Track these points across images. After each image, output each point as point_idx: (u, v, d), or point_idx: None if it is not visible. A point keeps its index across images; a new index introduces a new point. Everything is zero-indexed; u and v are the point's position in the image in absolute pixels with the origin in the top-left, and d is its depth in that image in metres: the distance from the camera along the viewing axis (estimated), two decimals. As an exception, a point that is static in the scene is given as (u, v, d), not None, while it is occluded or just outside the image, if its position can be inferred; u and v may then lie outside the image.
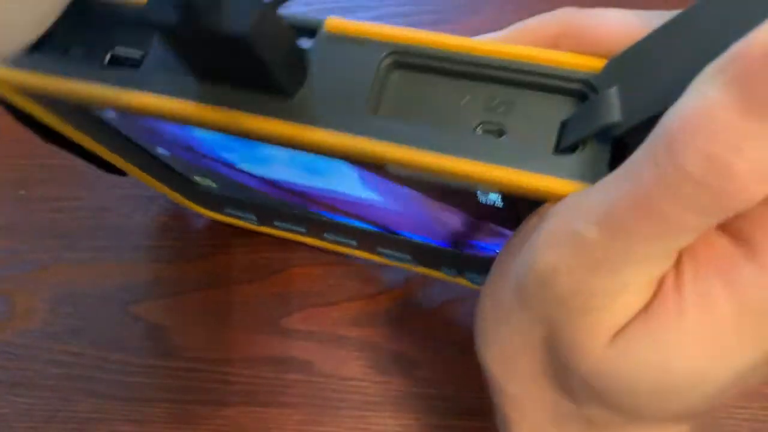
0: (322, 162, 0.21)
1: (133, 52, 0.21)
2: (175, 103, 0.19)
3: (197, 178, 0.31)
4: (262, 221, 0.33)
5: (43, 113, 0.24)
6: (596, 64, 0.17)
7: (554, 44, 0.18)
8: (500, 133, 0.18)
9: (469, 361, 0.31)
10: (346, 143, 0.18)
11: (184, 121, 0.20)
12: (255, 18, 0.16)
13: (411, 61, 0.19)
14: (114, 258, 0.35)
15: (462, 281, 0.31)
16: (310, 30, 0.19)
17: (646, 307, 0.15)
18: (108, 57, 0.21)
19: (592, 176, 0.16)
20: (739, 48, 0.12)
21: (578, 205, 0.16)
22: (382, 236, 0.30)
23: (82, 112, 0.24)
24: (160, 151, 0.28)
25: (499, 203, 0.20)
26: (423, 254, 0.30)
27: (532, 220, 0.18)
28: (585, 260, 0.15)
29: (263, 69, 0.17)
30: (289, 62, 0.18)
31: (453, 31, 0.18)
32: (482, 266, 0.29)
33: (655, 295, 0.15)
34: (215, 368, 0.33)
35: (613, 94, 0.16)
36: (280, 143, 0.19)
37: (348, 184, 0.24)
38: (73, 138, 0.26)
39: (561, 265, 0.15)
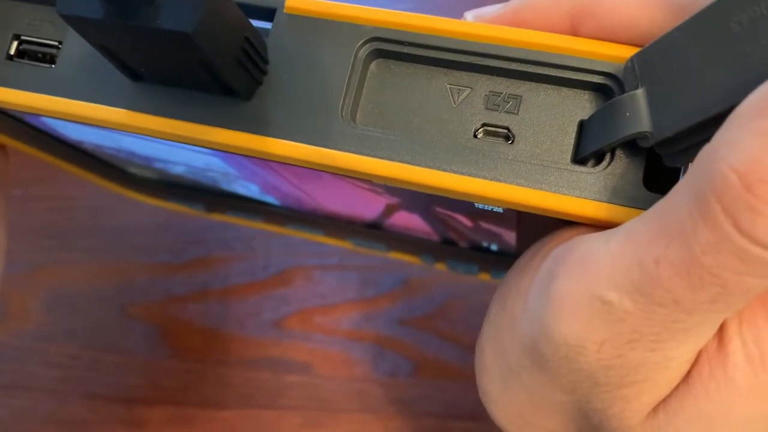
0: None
1: (45, 41, 0.17)
2: (105, 111, 0.16)
3: (133, 170, 0.27)
4: (211, 210, 0.29)
5: None
6: (620, 52, 0.14)
7: (569, 27, 0.15)
8: (506, 137, 0.15)
9: (469, 363, 0.31)
10: (319, 157, 0.15)
11: (118, 129, 0.17)
12: (201, 12, 0.13)
13: (394, 49, 0.15)
14: (110, 258, 0.35)
15: (441, 267, 0.28)
16: (265, 10, 0.16)
17: (687, 376, 0.13)
18: (13, 47, 0.17)
19: (620, 195, 0.14)
20: None
21: (601, 265, 0.13)
22: (354, 229, 0.27)
23: None
24: (86, 146, 0.24)
25: (499, 211, 0.17)
26: (397, 243, 0.27)
27: (537, 257, 0.16)
28: (618, 334, 0.13)
29: (211, 69, 0.14)
30: (242, 57, 0.15)
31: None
32: (463, 256, 0.27)
33: (696, 359, 0.13)
34: (213, 370, 0.32)
35: (639, 97, 0.13)
36: (237, 153, 0.16)
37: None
38: None
39: (588, 339, 0.13)
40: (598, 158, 0.14)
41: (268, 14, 0.16)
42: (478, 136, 0.15)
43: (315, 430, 0.31)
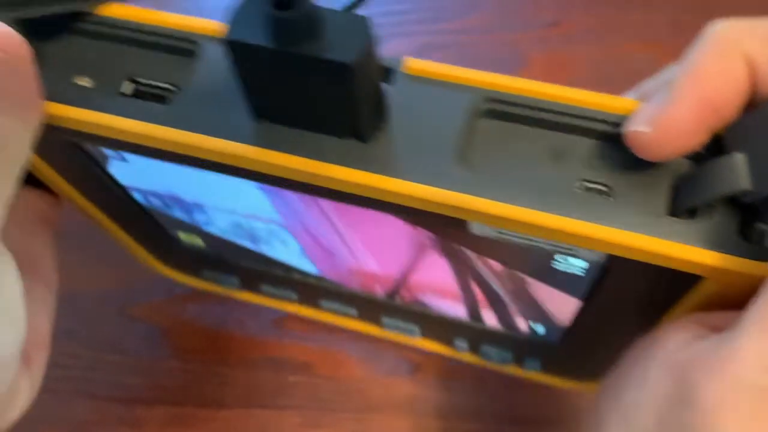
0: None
1: (159, 84, 0.18)
2: (228, 145, 0.17)
3: (181, 235, 0.28)
4: (246, 285, 0.30)
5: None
6: None
7: (750, 87, 0.15)
8: (605, 192, 0.16)
9: (469, 362, 0.31)
10: (434, 196, 0.16)
11: (238, 164, 0.18)
12: (361, 47, 0.14)
13: (503, 109, 0.17)
14: (111, 259, 0.35)
15: (473, 359, 0.29)
16: (386, 70, 0.18)
17: None
18: (127, 87, 0.18)
19: (719, 243, 0.15)
20: None
21: (745, 357, 0.14)
22: (387, 303, 0.27)
23: (69, 152, 0.21)
24: (153, 201, 0.25)
25: (578, 272, 0.19)
26: (433, 324, 0.28)
27: (652, 367, 0.16)
28: None
29: (351, 107, 0.16)
30: (376, 100, 0.16)
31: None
32: (502, 340, 0.27)
33: None
34: (213, 370, 0.33)
35: (740, 160, 0.15)
36: (354, 192, 0.17)
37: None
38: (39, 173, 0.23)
39: (753, 428, 0.13)
40: (693, 211, 0.16)
41: (386, 73, 0.18)
42: (579, 189, 0.16)
43: (315, 429, 0.31)
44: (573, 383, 0.29)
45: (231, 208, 0.23)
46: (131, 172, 0.22)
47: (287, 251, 0.25)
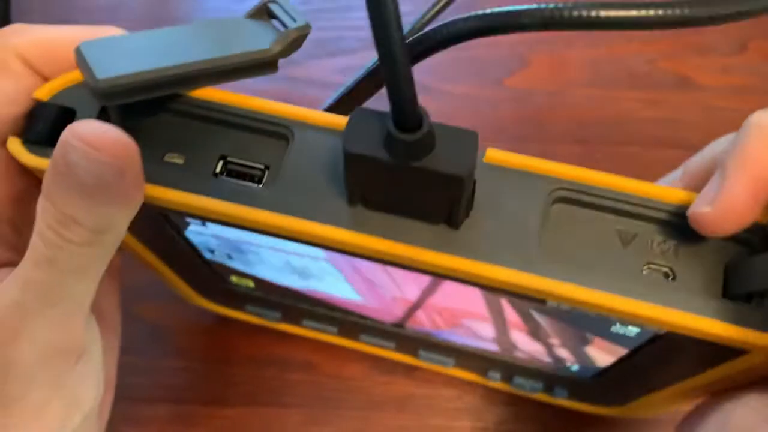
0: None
1: (251, 164, 0.19)
2: (328, 229, 0.18)
3: (234, 279, 0.29)
4: (287, 319, 0.31)
5: None
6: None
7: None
8: (667, 275, 0.18)
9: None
10: (519, 280, 0.18)
11: (334, 246, 0.19)
12: (473, 161, 0.16)
13: (577, 198, 0.18)
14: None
15: (505, 387, 0.30)
16: None
17: None
18: (220, 167, 0.19)
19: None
20: None
21: None
22: (426, 339, 0.29)
23: (147, 217, 0.21)
24: (217, 255, 0.26)
25: (632, 335, 0.20)
26: (469, 358, 0.29)
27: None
28: None
29: (454, 204, 0.17)
30: (470, 197, 0.18)
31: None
32: (535, 374, 0.29)
33: None
34: (216, 368, 0.33)
35: None
36: (445, 274, 0.18)
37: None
38: None
39: None
40: (748, 296, 0.17)
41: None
42: (644, 272, 0.18)
43: (318, 427, 0.31)
44: (602, 409, 0.30)
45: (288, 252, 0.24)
46: (207, 235, 0.23)
47: (333, 283, 0.26)
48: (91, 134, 0.16)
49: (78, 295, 0.19)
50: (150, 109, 0.19)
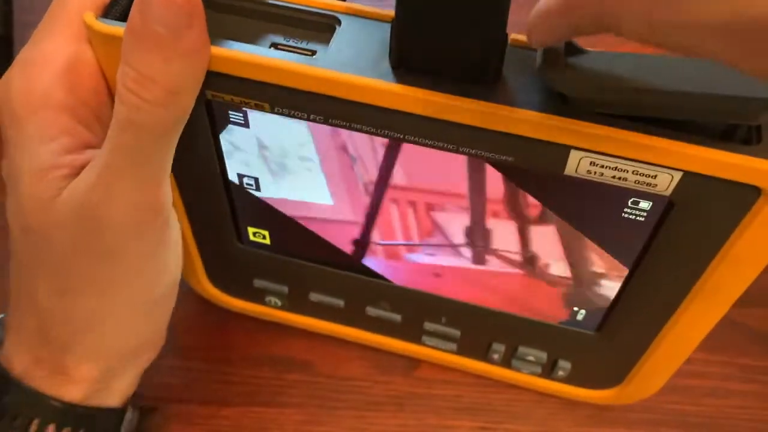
0: None
1: (301, 47, 0.21)
2: (377, 82, 0.20)
3: (251, 231, 0.29)
4: (293, 296, 0.31)
5: None
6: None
7: None
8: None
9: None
10: (549, 120, 0.19)
11: (382, 102, 0.20)
12: None
13: None
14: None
15: (505, 373, 0.31)
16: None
17: None
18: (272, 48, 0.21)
19: None
20: None
21: None
22: (429, 303, 0.29)
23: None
24: (245, 180, 0.26)
25: (641, 217, 0.22)
26: (474, 325, 0.29)
27: None
28: None
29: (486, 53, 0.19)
30: (500, 54, 0.20)
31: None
32: (539, 337, 0.28)
33: None
34: (215, 368, 0.33)
35: None
36: (480, 124, 0.20)
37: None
38: None
39: None
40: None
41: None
42: None
43: (316, 427, 0.31)
44: (597, 393, 0.30)
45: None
46: (245, 143, 0.24)
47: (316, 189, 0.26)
48: None
49: (160, 157, 0.21)
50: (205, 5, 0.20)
